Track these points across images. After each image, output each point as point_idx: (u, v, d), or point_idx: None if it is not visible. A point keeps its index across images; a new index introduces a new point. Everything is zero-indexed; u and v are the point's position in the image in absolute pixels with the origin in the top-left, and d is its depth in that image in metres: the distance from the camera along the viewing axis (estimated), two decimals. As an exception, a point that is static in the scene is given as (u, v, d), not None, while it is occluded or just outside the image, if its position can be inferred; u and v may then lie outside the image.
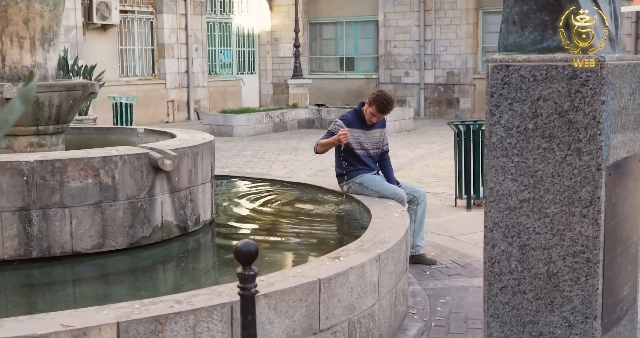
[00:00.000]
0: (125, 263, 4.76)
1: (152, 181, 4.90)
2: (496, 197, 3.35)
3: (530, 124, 3.25)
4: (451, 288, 5.82)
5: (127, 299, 3.65)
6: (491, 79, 3.30)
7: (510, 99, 3.28)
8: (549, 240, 3.26)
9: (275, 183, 7.30)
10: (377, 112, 6.20)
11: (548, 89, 3.20)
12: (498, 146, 3.33)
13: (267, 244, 5.13)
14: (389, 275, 4.69)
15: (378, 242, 4.75)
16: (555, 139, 3.21)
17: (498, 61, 3.30)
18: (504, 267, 3.37)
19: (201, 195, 5.39)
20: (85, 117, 11.03)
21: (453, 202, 9.01)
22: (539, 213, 3.27)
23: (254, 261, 2.92)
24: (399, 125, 17.61)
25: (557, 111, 3.20)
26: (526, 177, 3.28)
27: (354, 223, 5.62)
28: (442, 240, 7.34)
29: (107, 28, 18.87)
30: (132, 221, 4.83)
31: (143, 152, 4.84)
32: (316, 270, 4.14)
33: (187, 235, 5.23)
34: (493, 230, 3.38)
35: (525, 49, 3.29)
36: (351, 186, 6.34)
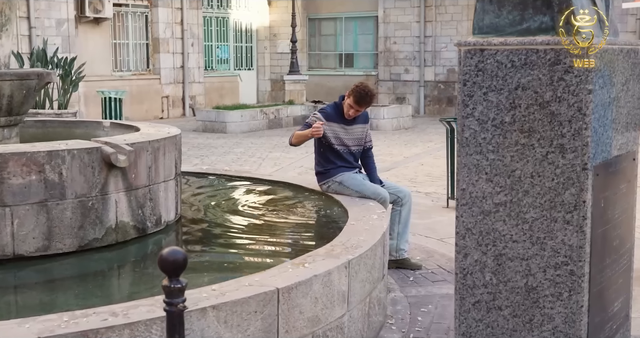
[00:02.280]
0: (73, 268, 4.36)
1: (105, 178, 4.49)
2: (469, 200, 2.95)
3: (507, 117, 2.85)
4: (434, 296, 5.43)
5: (72, 308, 3.26)
6: (463, 65, 2.89)
7: (485, 88, 2.87)
8: (528, 249, 2.85)
9: (254, 182, 6.89)
10: (355, 103, 5.79)
11: (528, 77, 2.80)
12: (471, 141, 2.92)
13: (230, 248, 4.74)
14: (361, 283, 4.29)
15: (350, 247, 4.35)
16: (536, 134, 2.80)
17: (471, 45, 2.89)
18: (477, 279, 2.96)
19: (163, 194, 4.99)
20: (65, 111, 10.62)
21: (445, 203, 8.59)
22: (517, 218, 2.86)
23: (182, 272, 2.52)
24: (396, 123, 17.21)
25: (538, 102, 2.79)
26: (502, 177, 2.88)
27: (329, 225, 5.22)
28: (429, 242, 6.95)
29: (100, 22, 18.48)
30: (82, 221, 4.43)
31: (94, 146, 4.44)
32: (276, 278, 3.74)
33: (146, 236, 4.83)
34: (465, 237, 2.97)
35: (503, 31, 2.88)
36: (331, 185, 5.94)
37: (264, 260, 4.62)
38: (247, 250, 4.79)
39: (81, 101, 17.93)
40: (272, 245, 4.82)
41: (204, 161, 12.28)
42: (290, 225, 5.26)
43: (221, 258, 4.53)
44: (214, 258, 4.53)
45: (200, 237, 5.06)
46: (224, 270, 4.23)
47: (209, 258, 4.52)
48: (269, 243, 4.88)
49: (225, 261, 4.45)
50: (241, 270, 4.26)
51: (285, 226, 5.24)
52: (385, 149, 13.63)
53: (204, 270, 4.26)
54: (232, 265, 4.36)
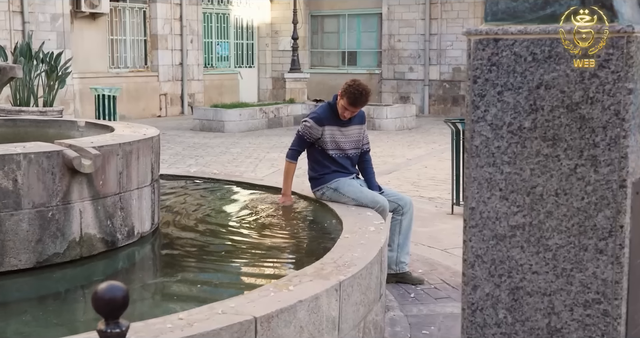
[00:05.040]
0: (29, 288, 3.86)
1: (67, 185, 3.99)
2: (479, 221, 2.43)
3: (526, 122, 2.34)
4: (438, 316, 4.93)
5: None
6: (474, 59, 2.38)
7: (500, 86, 2.36)
8: (551, 282, 2.34)
9: (244, 187, 6.38)
10: (350, 105, 5.28)
11: (552, 73, 2.29)
12: (482, 150, 2.41)
13: (209, 264, 4.23)
14: (355, 306, 3.79)
15: (342, 265, 3.85)
16: (562, 143, 2.30)
17: (483, 34, 2.38)
18: (488, 317, 2.45)
19: (136, 202, 4.48)
20: (50, 109, 10.12)
21: (449, 209, 8.08)
22: (538, 244, 2.35)
23: (122, 313, 2.02)
24: (400, 123, 16.71)
25: (565, 104, 2.28)
26: (520, 194, 2.37)
27: (321, 238, 4.71)
28: (432, 253, 6.44)
29: (97, 17, 18.01)
30: (41, 234, 3.92)
31: (55, 150, 3.93)
32: (254, 303, 3.24)
33: (115, 250, 4.32)
34: (475, 266, 2.46)
35: (522, 17, 2.36)
36: (325, 192, 5.43)
37: (244, 280, 4.11)
38: (227, 267, 4.27)
39: (76, 99, 17.46)
40: (255, 262, 4.31)
41: (198, 161, 11.79)
42: (278, 238, 4.75)
43: (197, 276, 4.02)
44: (188, 276, 4.02)
45: (177, 251, 4.55)
46: (199, 291, 3.72)
47: (183, 276, 4.01)
48: (252, 259, 4.36)
49: (201, 280, 3.95)
50: (217, 292, 3.74)
51: (272, 239, 4.73)
52: (387, 150, 13.13)
53: (175, 292, 3.76)
54: (208, 286, 3.85)
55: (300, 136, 5.44)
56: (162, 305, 3.59)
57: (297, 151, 5.49)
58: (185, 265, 4.23)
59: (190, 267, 4.18)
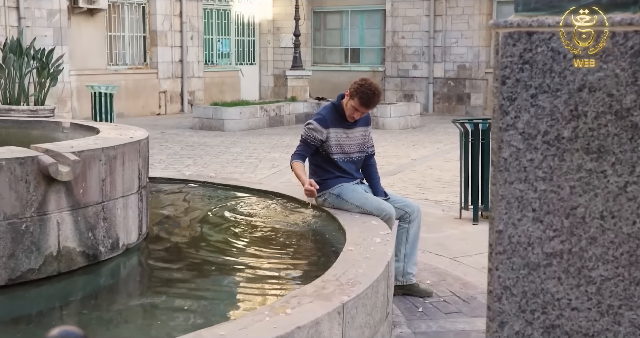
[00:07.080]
0: (1, 308, 3.49)
1: (43, 194, 3.62)
2: (508, 247, 2.06)
3: (566, 131, 1.97)
4: (448, 333, 4.56)
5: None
6: (503, 56, 2.01)
7: (534, 88, 1.99)
8: (595, 321, 1.97)
9: (241, 191, 6.01)
10: (361, 106, 4.92)
11: (598, 73, 1.92)
12: (512, 164, 2.04)
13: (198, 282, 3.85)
14: (360, 329, 3.43)
15: (345, 283, 3.49)
16: (609, 156, 1.93)
17: (514, 26, 2.00)
18: (518, 359, 2.08)
19: (121, 211, 4.11)
20: (41, 108, 9.75)
21: (457, 213, 7.70)
22: (579, 276, 1.98)
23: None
24: (404, 121, 16.33)
25: (613, 110, 1.91)
26: (558, 216, 2.00)
27: (322, 250, 4.33)
28: (441, 262, 6.06)
29: (95, 13, 17.65)
30: (13, 248, 3.55)
31: (29, 156, 3.56)
32: (247, 331, 2.88)
33: (98, 264, 3.95)
34: (502, 299, 2.09)
35: (561, 7, 1.99)
36: (327, 198, 5.07)
37: (237, 299, 3.73)
38: (219, 284, 3.88)
39: (74, 96, 17.10)
40: (250, 279, 3.92)
41: (196, 161, 11.43)
42: (275, 251, 4.37)
43: (185, 295, 3.63)
44: (175, 296, 3.63)
45: (165, 265, 4.17)
46: (186, 314, 3.35)
47: (169, 296, 3.63)
48: (246, 276, 3.97)
49: (189, 300, 3.56)
50: (206, 314, 3.36)
51: (269, 252, 4.35)
52: (391, 150, 12.76)
53: (160, 315, 3.38)
54: (196, 307, 3.47)
55: (304, 140, 5.09)
56: (145, 330, 3.22)
57: (302, 155, 5.12)
58: (173, 282, 3.86)
59: (178, 284, 3.80)
